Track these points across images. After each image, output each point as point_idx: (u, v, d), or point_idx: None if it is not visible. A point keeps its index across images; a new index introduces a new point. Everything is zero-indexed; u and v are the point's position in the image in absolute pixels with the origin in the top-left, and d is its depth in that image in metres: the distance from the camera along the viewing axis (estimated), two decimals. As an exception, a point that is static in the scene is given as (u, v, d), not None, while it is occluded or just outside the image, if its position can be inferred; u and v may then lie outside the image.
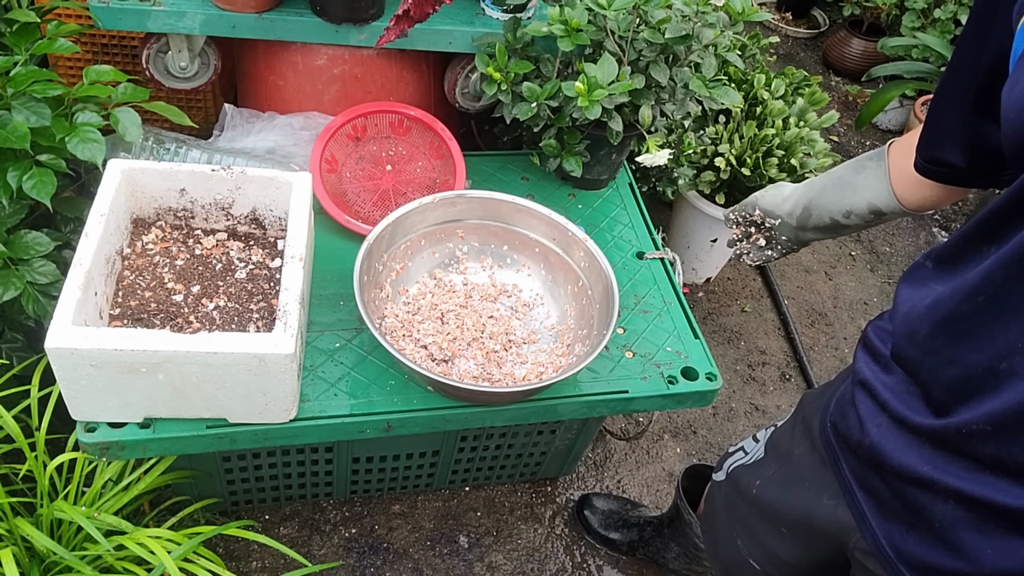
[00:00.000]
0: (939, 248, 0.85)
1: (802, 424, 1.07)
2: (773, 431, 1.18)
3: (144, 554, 1.26)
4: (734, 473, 1.21)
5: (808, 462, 1.03)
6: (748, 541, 1.17)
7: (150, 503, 1.59)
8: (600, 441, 2.03)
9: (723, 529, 1.24)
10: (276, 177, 1.38)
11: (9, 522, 1.31)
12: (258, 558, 1.69)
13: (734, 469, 1.22)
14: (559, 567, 1.79)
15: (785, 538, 1.09)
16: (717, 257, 2.42)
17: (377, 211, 1.67)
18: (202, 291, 1.33)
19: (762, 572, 1.17)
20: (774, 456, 1.14)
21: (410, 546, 1.76)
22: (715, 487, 1.30)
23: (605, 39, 1.64)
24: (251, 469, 1.58)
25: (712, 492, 1.32)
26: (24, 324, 1.49)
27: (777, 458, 1.12)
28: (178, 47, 1.70)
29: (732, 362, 2.31)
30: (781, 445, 1.13)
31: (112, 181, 1.31)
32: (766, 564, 1.15)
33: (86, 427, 1.22)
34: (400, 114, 1.72)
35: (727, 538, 1.22)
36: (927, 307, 0.80)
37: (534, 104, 1.64)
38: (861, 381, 0.90)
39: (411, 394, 1.36)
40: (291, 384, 1.21)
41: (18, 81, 1.34)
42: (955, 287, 0.76)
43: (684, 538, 1.64)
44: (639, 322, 1.56)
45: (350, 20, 1.64)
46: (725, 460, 1.27)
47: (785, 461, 1.09)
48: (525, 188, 1.81)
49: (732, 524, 1.21)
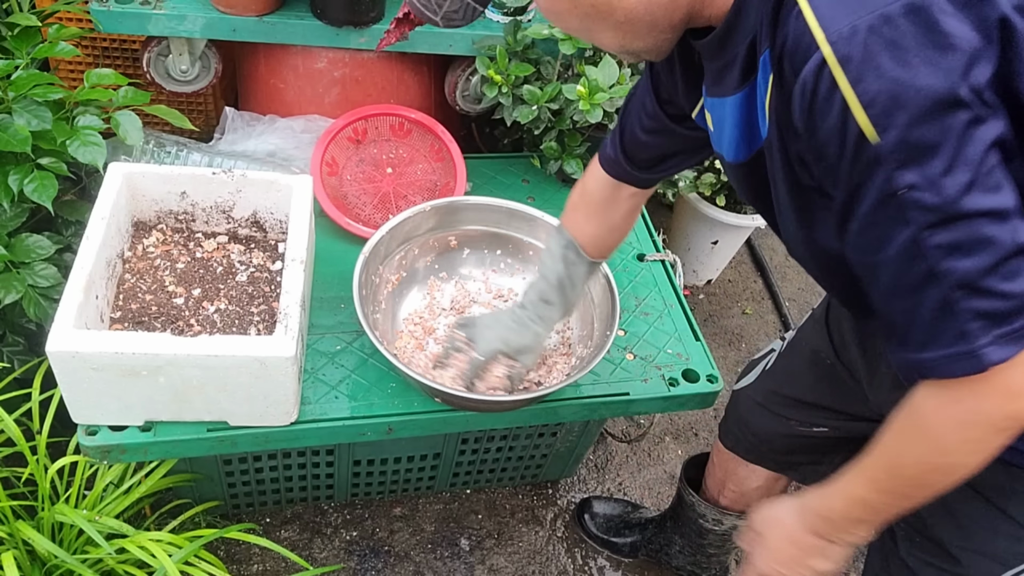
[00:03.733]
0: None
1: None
2: (795, 331, 1.35)
3: (145, 557, 1.26)
4: (772, 368, 1.36)
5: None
6: (791, 411, 1.31)
7: (151, 506, 1.59)
8: (601, 443, 2.03)
9: (756, 416, 1.37)
10: (277, 180, 1.38)
11: (11, 525, 1.31)
12: (259, 561, 1.69)
13: (770, 366, 1.37)
14: (560, 569, 1.78)
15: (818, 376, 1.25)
16: (718, 259, 2.42)
17: (378, 214, 1.67)
18: (203, 294, 1.33)
19: (804, 424, 1.31)
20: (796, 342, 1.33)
21: (411, 549, 1.76)
22: (742, 392, 1.42)
23: (605, 41, 1.64)
24: (252, 472, 1.58)
25: (737, 397, 1.44)
26: (25, 327, 1.49)
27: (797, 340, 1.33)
28: (179, 50, 1.70)
29: (733, 364, 2.31)
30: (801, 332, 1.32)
31: (113, 184, 1.31)
32: (810, 417, 1.29)
33: (87, 430, 1.22)
34: (401, 117, 1.73)
35: (764, 418, 1.36)
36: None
37: (535, 107, 1.64)
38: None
39: (412, 397, 1.36)
40: (292, 387, 1.21)
41: (19, 85, 1.35)
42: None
43: (687, 526, 1.64)
44: (640, 324, 1.56)
45: (351, 23, 1.65)
46: (754, 366, 1.41)
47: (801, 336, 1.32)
48: (526, 191, 1.81)
49: (772, 403, 1.34)
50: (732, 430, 1.45)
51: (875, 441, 0.85)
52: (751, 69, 0.80)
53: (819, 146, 0.72)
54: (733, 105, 0.86)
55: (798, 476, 1.42)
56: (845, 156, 0.69)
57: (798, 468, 1.39)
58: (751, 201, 0.98)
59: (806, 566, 0.97)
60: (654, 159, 1.15)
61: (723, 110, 0.88)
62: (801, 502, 0.96)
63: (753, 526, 1.04)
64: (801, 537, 0.95)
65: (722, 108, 0.89)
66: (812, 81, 0.68)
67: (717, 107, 0.90)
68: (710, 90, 0.91)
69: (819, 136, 0.71)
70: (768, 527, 1.01)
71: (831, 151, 0.71)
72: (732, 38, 0.80)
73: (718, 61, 0.85)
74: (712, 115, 0.93)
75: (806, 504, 0.95)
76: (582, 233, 1.27)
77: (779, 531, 0.98)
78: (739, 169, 0.92)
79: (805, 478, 1.41)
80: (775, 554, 1.00)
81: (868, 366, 1.13)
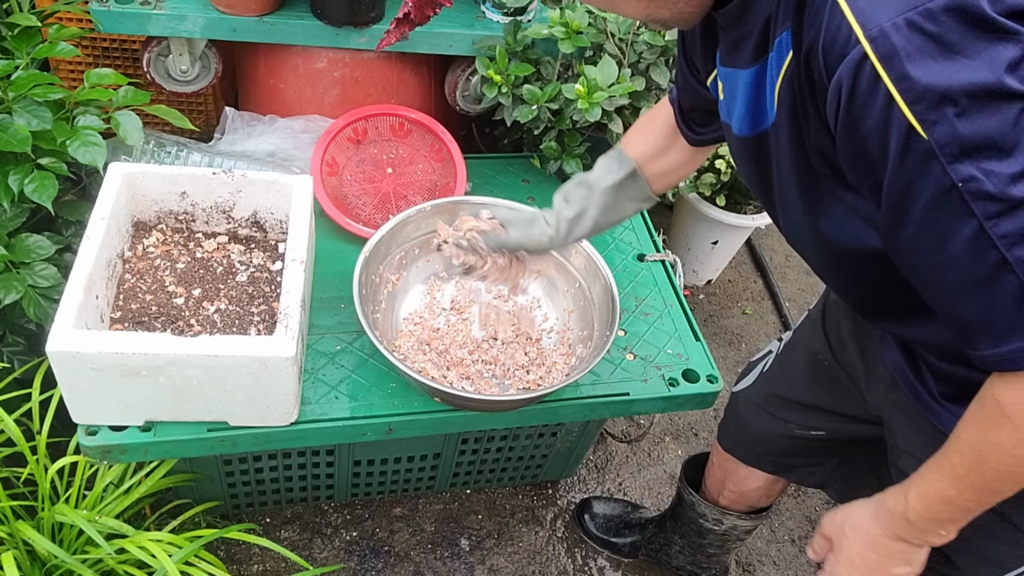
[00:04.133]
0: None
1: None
2: (792, 332, 1.35)
3: (145, 557, 1.26)
4: (770, 370, 1.36)
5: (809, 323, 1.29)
6: (790, 413, 1.31)
7: (151, 506, 1.59)
8: (601, 444, 2.03)
9: (755, 418, 1.37)
10: (277, 180, 1.38)
11: (11, 526, 1.31)
12: (259, 561, 1.69)
13: (768, 368, 1.36)
14: (560, 570, 1.78)
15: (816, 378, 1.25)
16: (718, 259, 2.42)
17: (378, 214, 1.67)
18: (203, 294, 1.33)
19: (802, 428, 1.31)
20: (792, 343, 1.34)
21: (411, 549, 1.76)
22: (741, 394, 1.42)
23: (605, 41, 1.65)
24: (252, 472, 1.58)
25: (736, 399, 1.44)
26: (25, 327, 1.49)
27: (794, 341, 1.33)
28: (179, 51, 1.70)
29: (733, 364, 2.31)
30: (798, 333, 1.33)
31: (113, 184, 1.31)
32: (808, 420, 1.29)
33: (87, 430, 1.22)
34: (401, 117, 1.73)
35: (763, 420, 1.35)
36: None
37: (534, 107, 1.64)
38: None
39: (412, 397, 1.36)
40: (292, 387, 1.21)
41: (19, 85, 1.35)
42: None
43: (687, 526, 1.64)
44: (640, 324, 1.56)
45: (351, 23, 1.65)
46: (752, 368, 1.40)
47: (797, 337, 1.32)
48: (526, 191, 1.81)
49: (770, 405, 1.34)
50: (731, 432, 1.45)
51: (953, 437, 0.82)
52: (764, 47, 0.80)
53: (859, 145, 0.70)
54: (744, 80, 0.85)
55: (795, 478, 1.42)
56: (891, 154, 0.68)
57: (795, 470, 1.40)
58: (749, 178, 0.96)
59: (888, 573, 0.93)
60: (697, 116, 1.13)
61: (736, 82, 0.88)
62: (878, 505, 0.92)
63: (825, 533, 0.99)
64: (882, 543, 0.91)
65: (735, 79, 0.88)
66: (851, 77, 0.67)
67: (731, 78, 0.89)
68: (724, 59, 0.90)
69: (860, 134, 0.69)
70: (844, 534, 0.96)
71: (874, 150, 0.69)
72: (750, 10, 0.79)
73: (735, 31, 0.84)
74: (724, 85, 0.93)
75: (885, 507, 0.91)
76: (642, 154, 1.22)
77: (858, 538, 0.94)
78: (743, 143, 0.91)
79: (803, 480, 1.41)
80: (854, 562, 0.95)
81: (866, 366, 1.13)
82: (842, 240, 0.84)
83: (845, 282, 0.95)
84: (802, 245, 0.94)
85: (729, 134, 0.95)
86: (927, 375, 0.98)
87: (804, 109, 0.75)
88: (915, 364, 1.00)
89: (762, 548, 1.91)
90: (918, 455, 1.01)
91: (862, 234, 0.83)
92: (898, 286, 0.83)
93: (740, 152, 0.94)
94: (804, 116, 0.76)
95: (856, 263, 0.87)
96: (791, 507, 2.00)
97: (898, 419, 1.07)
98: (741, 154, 0.94)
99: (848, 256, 0.84)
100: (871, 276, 0.89)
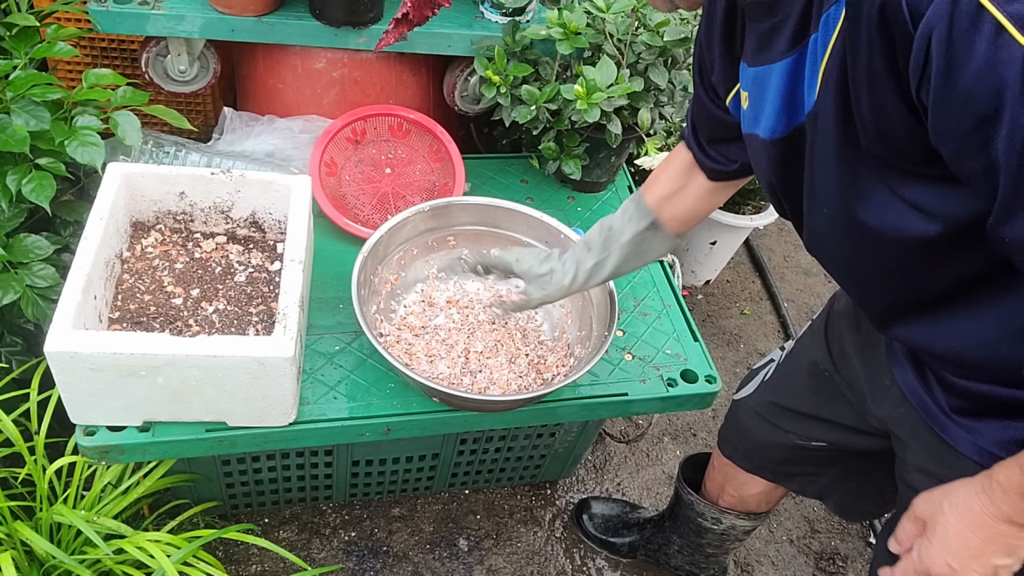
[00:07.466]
0: None
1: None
2: (794, 342, 1.34)
3: (144, 558, 1.26)
4: (771, 379, 1.35)
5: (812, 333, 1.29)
6: (790, 423, 1.30)
7: (149, 507, 1.59)
8: (600, 444, 2.03)
9: (755, 426, 1.36)
10: (275, 180, 1.38)
11: (8, 526, 1.30)
12: (258, 562, 1.69)
13: (769, 377, 1.36)
14: (559, 570, 1.79)
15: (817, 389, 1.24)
16: (716, 259, 2.42)
17: (377, 214, 1.67)
18: (201, 294, 1.33)
19: (801, 438, 1.30)
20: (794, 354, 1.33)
21: (410, 549, 1.76)
22: (742, 402, 1.41)
23: (604, 42, 1.65)
24: (250, 472, 1.58)
25: (737, 407, 1.43)
26: (23, 328, 1.49)
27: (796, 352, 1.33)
28: (177, 51, 1.70)
29: (732, 364, 2.31)
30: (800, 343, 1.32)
31: (111, 184, 1.31)
32: (809, 431, 1.29)
33: (85, 431, 1.22)
34: (399, 117, 1.73)
35: (763, 429, 1.35)
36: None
37: (533, 107, 1.64)
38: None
39: (410, 397, 1.36)
40: (290, 387, 1.21)
41: (17, 85, 1.34)
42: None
43: (685, 526, 1.64)
44: (638, 325, 1.56)
45: (349, 23, 1.65)
46: (754, 376, 1.40)
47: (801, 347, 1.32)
48: (524, 191, 1.81)
49: (771, 414, 1.33)
50: (731, 439, 1.44)
51: None
52: (804, 31, 0.76)
53: (964, 96, 0.61)
54: (779, 73, 0.81)
55: (795, 487, 1.41)
56: (1008, 95, 0.58)
57: (796, 479, 1.39)
58: (777, 184, 0.91)
59: (988, 564, 0.80)
60: (717, 143, 1.12)
61: (767, 80, 0.84)
62: (985, 479, 0.79)
63: (918, 513, 0.87)
64: (987, 523, 0.78)
65: (766, 78, 0.84)
66: (947, 16, 0.59)
67: (760, 77, 0.86)
68: (753, 58, 0.86)
69: (964, 82, 0.60)
70: (942, 511, 0.83)
71: (982, 97, 0.60)
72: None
73: (767, 21, 0.81)
74: (751, 90, 0.89)
75: (994, 481, 0.78)
76: (661, 201, 1.22)
77: (958, 516, 0.81)
78: (772, 146, 0.87)
79: (803, 489, 1.40)
80: (950, 544, 0.81)
81: (870, 380, 1.11)
82: (884, 228, 0.78)
83: (876, 278, 0.89)
84: (829, 243, 0.90)
85: (755, 145, 0.91)
86: (936, 389, 0.96)
87: (871, 76, 0.67)
88: (924, 378, 0.97)
89: (760, 548, 1.91)
90: (927, 469, 1.00)
91: (904, 220, 0.76)
92: (936, 276, 0.79)
93: (768, 157, 0.90)
94: (867, 87, 0.68)
95: (895, 252, 0.81)
96: (790, 508, 2.00)
97: (907, 433, 1.04)
98: (770, 159, 0.90)
99: (887, 245, 0.78)
100: (908, 265, 0.82)
